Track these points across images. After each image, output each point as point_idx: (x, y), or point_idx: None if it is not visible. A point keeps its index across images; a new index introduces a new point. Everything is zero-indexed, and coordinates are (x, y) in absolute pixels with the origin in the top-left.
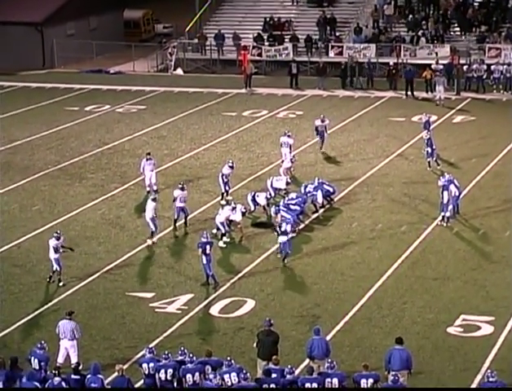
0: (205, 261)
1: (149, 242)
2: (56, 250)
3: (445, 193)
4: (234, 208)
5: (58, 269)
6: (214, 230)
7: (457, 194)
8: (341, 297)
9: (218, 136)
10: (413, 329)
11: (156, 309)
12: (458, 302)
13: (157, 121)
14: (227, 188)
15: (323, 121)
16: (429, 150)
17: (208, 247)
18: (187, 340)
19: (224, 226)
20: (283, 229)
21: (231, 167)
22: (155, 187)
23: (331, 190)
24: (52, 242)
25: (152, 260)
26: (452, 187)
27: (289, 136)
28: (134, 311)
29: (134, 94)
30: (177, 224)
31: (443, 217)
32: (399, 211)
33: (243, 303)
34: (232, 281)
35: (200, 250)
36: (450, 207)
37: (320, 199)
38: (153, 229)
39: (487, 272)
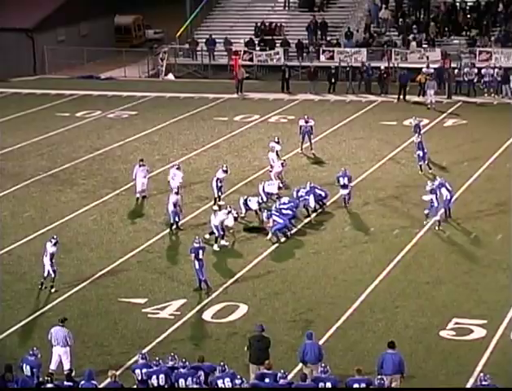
0: (197, 266)
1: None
2: (52, 256)
3: (433, 197)
4: (229, 212)
5: (52, 274)
6: (207, 236)
7: (449, 197)
8: (333, 302)
9: (209, 141)
10: (406, 333)
11: (149, 315)
12: (450, 306)
13: (149, 127)
14: (219, 193)
15: (307, 122)
16: (420, 153)
17: (200, 252)
18: (179, 345)
19: (219, 230)
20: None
21: (226, 171)
22: (144, 194)
23: (323, 194)
24: (50, 248)
25: (145, 265)
26: (443, 191)
27: (277, 142)
28: (127, 317)
29: (125, 99)
30: (173, 228)
31: (438, 221)
32: (392, 215)
33: (236, 308)
34: (225, 286)
35: (192, 255)
36: (441, 211)
37: (312, 203)
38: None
39: (480, 275)
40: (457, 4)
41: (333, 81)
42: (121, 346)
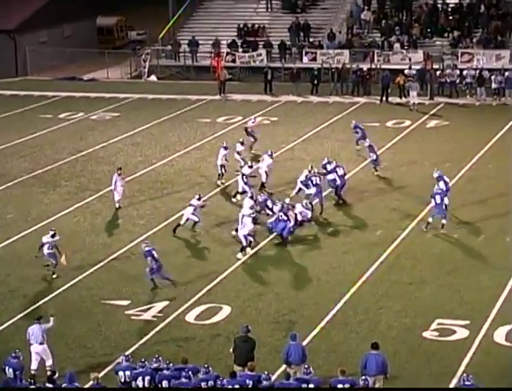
0: (155, 266)
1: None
2: (49, 247)
3: (436, 198)
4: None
5: (53, 262)
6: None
7: (445, 189)
8: (317, 303)
9: (192, 143)
10: (389, 334)
11: (132, 317)
12: (434, 306)
13: (131, 128)
14: (246, 188)
15: (253, 122)
16: (373, 156)
17: (154, 252)
18: (163, 347)
19: (247, 239)
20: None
21: (251, 167)
22: (117, 205)
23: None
24: (45, 238)
25: (128, 267)
26: (441, 183)
27: (241, 143)
28: (110, 319)
29: (108, 101)
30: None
31: (442, 224)
32: (374, 216)
33: (219, 309)
34: (208, 287)
35: (149, 258)
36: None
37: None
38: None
39: (462, 276)
40: (439, 6)
41: (315, 82)
42: (104, 348)
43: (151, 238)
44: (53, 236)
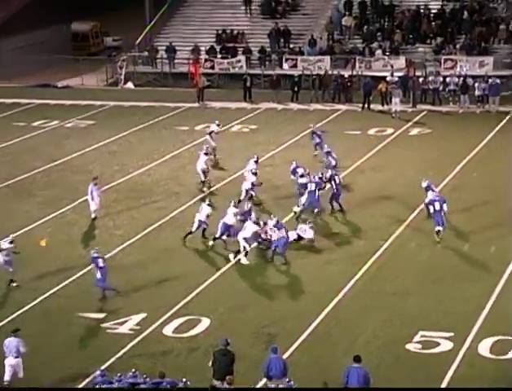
0: (99, 276)
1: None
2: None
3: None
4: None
5: (10, 270)
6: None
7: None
8: (298, 314)
9: (170, 151)
10: (372, 346)
11: (108, 330)
12: (417, 317)
13: (108, 136)
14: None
15: (218, 125)
16: (333, 161)
17: (100, 261)
18: (139, 361)
19: (244, 244)
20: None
21: (255, 174)
22: (94, 215)
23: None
24: (3, 244)
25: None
26: (429, 193)
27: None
28: (86, 332)
29: (83, 108)
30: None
31: (438, 231)
32: (357, 225)
33: (197, 322)
34: (187, 299)
35: (93, 265)
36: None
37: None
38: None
39: (447, 286)
40: (422, 11)
41: (296, 89)
42: (79, 362)
43: (128, 249)
44: (11, 242)
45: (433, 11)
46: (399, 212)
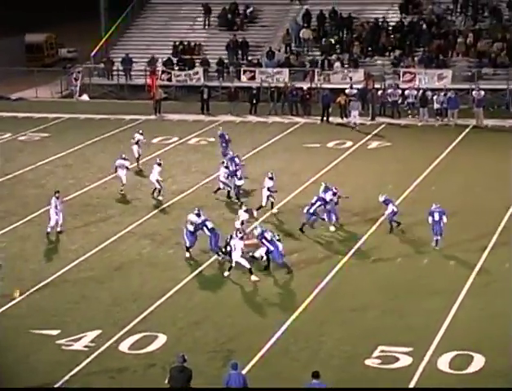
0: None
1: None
2: None
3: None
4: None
5: None
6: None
7: (396, 211)
8: (256, 330)
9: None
10: (331, 362)
11: (62, 347)
12: (376, 333)
13: (62, 149)
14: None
15: (141, 134)
16: (231, 168)
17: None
18: (95, 378)
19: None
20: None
21: (271, 179)
22: (59, 229)
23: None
24: None
25: (58, 295)
26: (390, 206)
27: (124, 158)
28: (39, 349)
29: (37, 121)
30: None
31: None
32: (316, 240)
33: (154, 338)
34: (143, 315)
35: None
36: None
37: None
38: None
39: (406, 301)
40: (380, 24)
41: (254, 101)
42: (32, 380)
43: (83, 264)
44: None
45: (391, 24)
46: (358, 226)
